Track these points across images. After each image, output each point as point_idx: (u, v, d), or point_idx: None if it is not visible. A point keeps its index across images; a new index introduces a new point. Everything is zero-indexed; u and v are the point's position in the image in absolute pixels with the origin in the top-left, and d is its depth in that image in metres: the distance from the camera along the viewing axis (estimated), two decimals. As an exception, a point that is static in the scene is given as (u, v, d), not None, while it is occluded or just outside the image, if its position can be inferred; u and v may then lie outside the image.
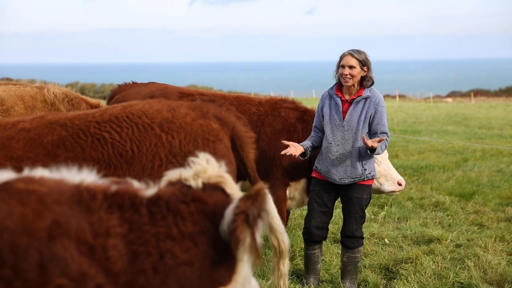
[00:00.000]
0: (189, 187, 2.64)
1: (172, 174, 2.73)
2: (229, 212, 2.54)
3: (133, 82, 7.74)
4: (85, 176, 2.56)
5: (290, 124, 6.87)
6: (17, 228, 2.24)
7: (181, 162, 4.06)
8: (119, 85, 7.80)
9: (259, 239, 2.59)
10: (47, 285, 2.23)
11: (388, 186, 6.83)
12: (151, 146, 4.06)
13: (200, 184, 2.64)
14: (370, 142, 5.73)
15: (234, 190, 2.74)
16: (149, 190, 2.61)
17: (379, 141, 5.76)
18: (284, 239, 2.85)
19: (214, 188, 2.66)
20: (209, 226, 2.57)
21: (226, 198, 2.67)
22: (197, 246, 2.51)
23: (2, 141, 4.01)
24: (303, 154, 6.08)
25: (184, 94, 7.02)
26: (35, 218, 2.28)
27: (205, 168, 2.66)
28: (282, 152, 5.94)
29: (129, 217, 2.45)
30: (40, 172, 2.56)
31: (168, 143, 4.08)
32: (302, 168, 6.71)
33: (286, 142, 6.01)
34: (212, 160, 2.72)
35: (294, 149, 5.94)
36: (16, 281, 2.20)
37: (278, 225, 2.81)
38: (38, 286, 2.22)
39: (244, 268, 2.61)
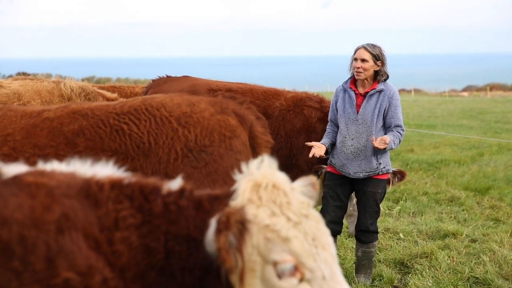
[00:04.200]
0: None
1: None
2: (211, 234, 2.30)
3: (167, 76, 7.58)
4: (99, 169, 2.54)
5: (310, 124, 6.71)
6: (26, 221, 2.25)
7: (197, 156, 4.08)
8: (153, 80, 7.64)
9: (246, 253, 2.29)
10: (54, 278, 2.23)
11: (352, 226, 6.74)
12: (168, 139, 4.09)
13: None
14: (376, 144, 5.72)
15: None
16: (169, 183, 2.52)
17: (385, 143, 5.73)
18: None
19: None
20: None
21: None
22: (198, 251, 2.38)
23: (27, 128, 4.13)
24: (325, 152, 6.04)
25: (212, 90, 6.81)
26: (43, 211, 2.29)
27: (253, 173, 2.47)
28: (310, 155, 5.86)
29: (139, 207, 2.41)
30: (51, 166, 2.57)
31: (184, 137, 4.10)
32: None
33: (309, 144, 5.95)
34: (266, 166, 2.51)
35: (319, 149, 5.91)
36: (24, 272, 2.21)
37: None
38: (45, 278, 2.23)
39: None
